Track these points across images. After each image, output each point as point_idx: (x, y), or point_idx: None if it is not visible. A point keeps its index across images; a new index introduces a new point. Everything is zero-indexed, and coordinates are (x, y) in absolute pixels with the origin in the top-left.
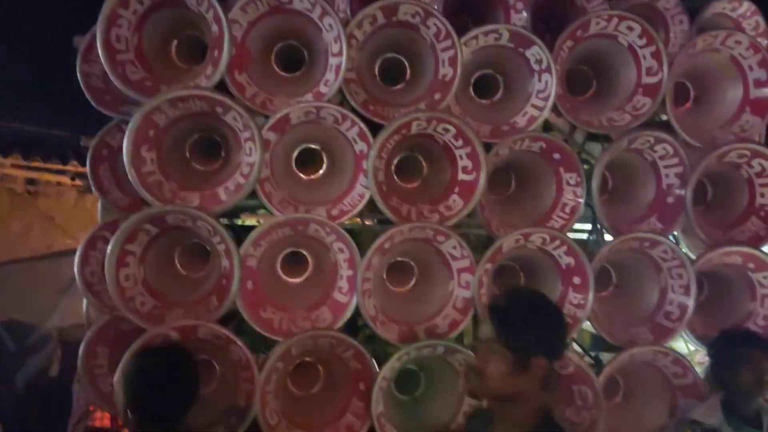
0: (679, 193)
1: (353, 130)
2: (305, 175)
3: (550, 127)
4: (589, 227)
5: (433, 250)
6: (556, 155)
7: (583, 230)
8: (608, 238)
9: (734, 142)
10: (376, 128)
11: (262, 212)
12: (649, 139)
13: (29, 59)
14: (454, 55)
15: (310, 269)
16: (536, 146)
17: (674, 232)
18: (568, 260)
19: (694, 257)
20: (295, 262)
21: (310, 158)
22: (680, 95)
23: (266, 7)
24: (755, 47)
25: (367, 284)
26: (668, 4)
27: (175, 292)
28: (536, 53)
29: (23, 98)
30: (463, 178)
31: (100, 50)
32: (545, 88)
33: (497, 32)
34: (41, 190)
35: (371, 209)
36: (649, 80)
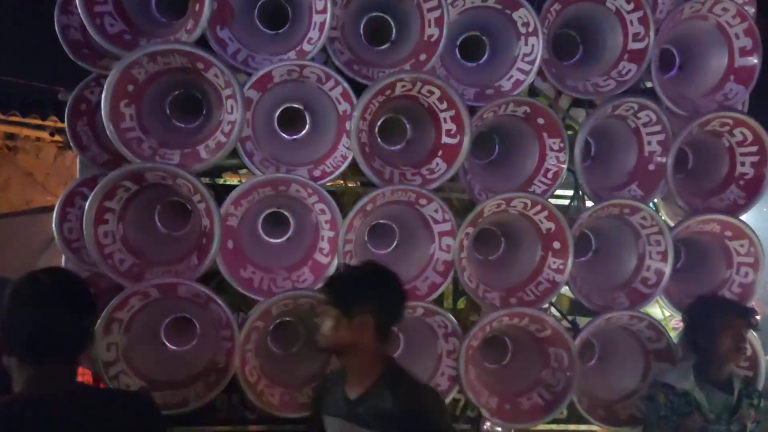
0: (660, 160)
1: (337, 89)
2: (287, 134)
3: (535, 92)
4: (570, 193)
5: (414, 213)
6: (540, 120)
7: (565, 196)
8: (590, 204)
9: (717, 110)
10: (360, 88)
11: (243, 172)
12: (632, 105)
13: (7, 9)
14: (440, 15)
15: (291, 230)
16: (521, 111)
17: (654, 199)
18: (548, 225)
19: (672, 224)
20: (276, 222)
21: (292, 118)
22: (665, 62)
23: None
24: (742, 15)
25: (348, 246)
26: None
27: (155, 250)
28: (523, 16)
29: (1, 49)
30: (446, 141)
31: (77, 1)
32: (531, 51)
33: None
34: (20, 145)
35: (354, 171)
36: (635, 46)
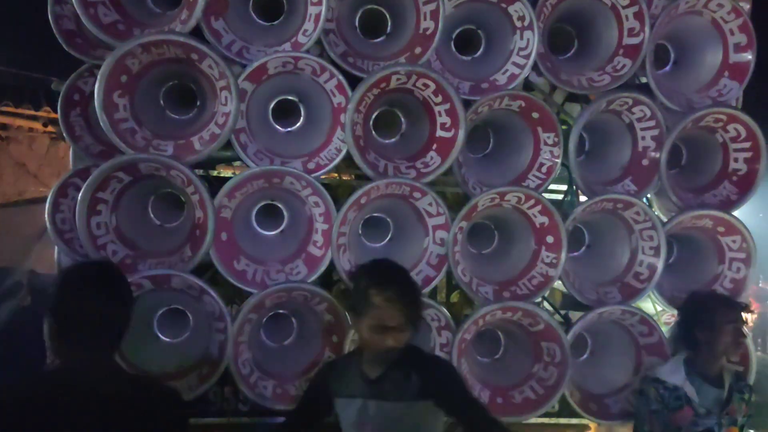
0: (654, 155)
1: (331, 82)
2: (282, 127)
3: (530, 86)
4: (564, 188)
5: (409, 206)
6: (535, 114)
7: (559, 191)
8: (583, 198)
9: (711, 106)
10: (354, 81)
11: (237, 164)
12: (627, 100)
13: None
14: (436, 8)
15: (285, 222)
16: (515, 105)
17: (648, 194)
18: (542, 219)
19: (665, 220)
20: (270, 214)
21: (287, 110)
22: (660, 57)
23: None
24: (737, 11)
25: (342, 239)
26: None
27: (148, 241)
28: (519, 9)
29: None
30: (441, 134)
31: None
32: (527, 45)
33: None
34: (12, 135)
35: (348, 164)
36: (630, 41)
